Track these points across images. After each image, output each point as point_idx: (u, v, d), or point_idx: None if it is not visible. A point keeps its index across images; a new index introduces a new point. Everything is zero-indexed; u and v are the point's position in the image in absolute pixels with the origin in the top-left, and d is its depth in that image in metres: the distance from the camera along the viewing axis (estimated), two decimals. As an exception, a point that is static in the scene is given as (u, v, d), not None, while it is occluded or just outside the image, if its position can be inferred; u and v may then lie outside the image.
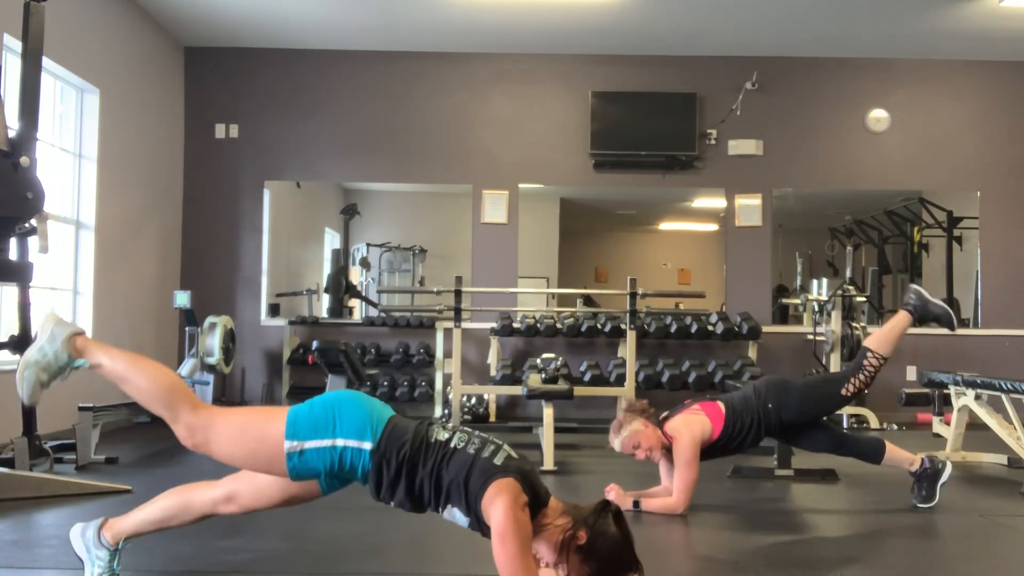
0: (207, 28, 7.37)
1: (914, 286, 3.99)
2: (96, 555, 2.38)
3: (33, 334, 2.33)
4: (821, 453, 4.04)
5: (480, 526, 2.23)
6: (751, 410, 3.81)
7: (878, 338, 3.89)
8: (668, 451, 3.74)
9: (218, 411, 2.32)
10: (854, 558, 3.14)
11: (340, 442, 2.25)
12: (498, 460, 2.24)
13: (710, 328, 7.34)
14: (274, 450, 2.24)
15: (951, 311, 3.86)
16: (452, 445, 2.28)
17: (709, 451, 3.79)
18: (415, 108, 7.84)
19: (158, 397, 2.28)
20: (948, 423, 5.29)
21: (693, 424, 3.75)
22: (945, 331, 7.82)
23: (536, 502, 2.23)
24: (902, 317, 3.89)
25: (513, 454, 2.31)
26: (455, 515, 2.28)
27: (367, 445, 2.26)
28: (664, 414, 3.85)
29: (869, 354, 3.82)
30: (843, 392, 3.84)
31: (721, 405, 3.86)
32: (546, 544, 2.21)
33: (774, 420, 3.83)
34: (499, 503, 2.15)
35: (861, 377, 3.82)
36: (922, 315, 3.90)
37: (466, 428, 2.41)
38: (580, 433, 6.19)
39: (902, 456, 3.91)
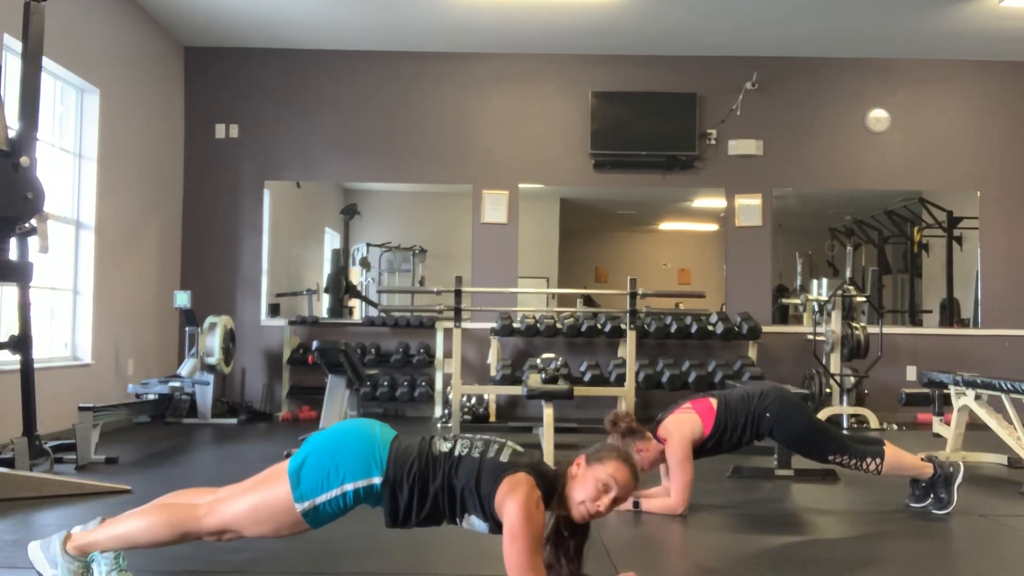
0: (207, 28, 7.37)
1: (958, 473, 3.76)
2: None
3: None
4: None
5: (499, 529, 2.23)
6: (747, 410, 3.79)
7: (896, 458, 3.75)
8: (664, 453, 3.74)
9: (221, 504, 2.29)
10: (854, 558, 3.14)
11: (349, 487, 2.25)
12: (504, 458, 2.26)
13: (710, 328, 7.34)
14: (290, 517, 2.25)
15: (950, 504, 3.72)
16: (456, 454, 2.29)
17: (701, 449, 3.78)
18: (415, 108, 7.83)
19: (170, 534, 2.30)
20: (948, 423, 5.28)
21: (683, 424, 3.74)
22: (945, 331, 7.90)
23: (550, 491, 2.25)
24: (924, 468, 3.77)
25: (518, 448, 2.32)
26: (473, 523, 2.28)
27: (376, 479, 2.25)
28: (659, 416, 3.85)
29: (878, 460, 3.72)
30: (830, 457, 3.77)
31: (713, 401, 3.84)
32: (573, 495, 2.31)
33: (764, 429, 3.83)
34: (512, 500, 2.16)
35: (854, 463, 3.74)
36: (933, 486, 3.76)
37: (466, 434, 2.41)
38: (580, 433, 6.18)
39: (906, 464, 3.81)
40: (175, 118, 7.70)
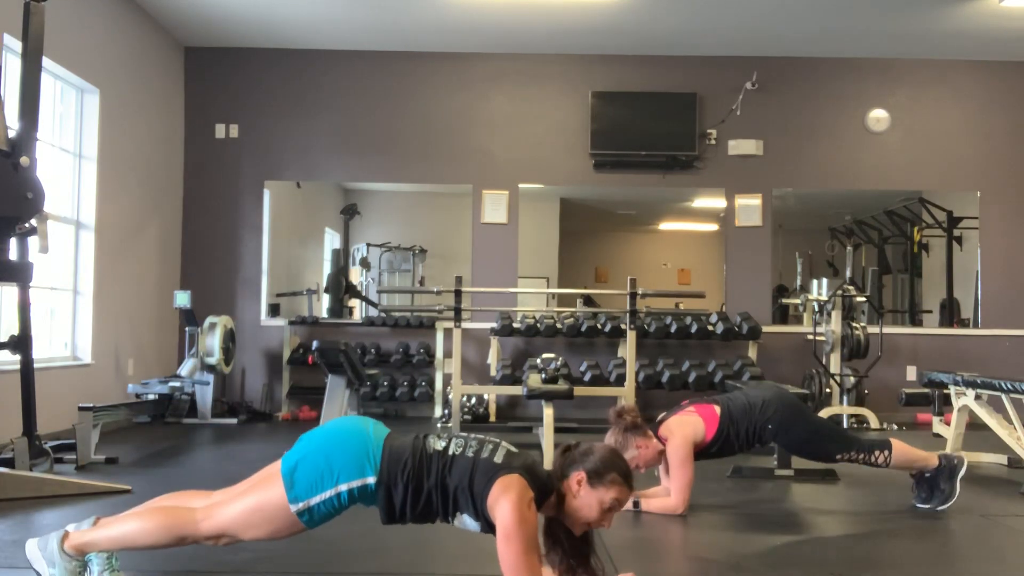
0: (207, 28, 7.37)
1: (962, 466, 3.79)
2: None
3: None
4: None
5: (491, 528, 2.24)
6: (750, 421, 3.78)
7: (903, 450, 3.78)
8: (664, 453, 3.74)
9: (217, 508, 2.30)
10: (854, 558, 3.14)
11: (343, 487, 2.25)
12: (498, 458, 2.26)
13: (710, 328, 7.34)
14: (286, 518, 2.26)
15: (952, 496, 3.74)
16: (451, 452, 2.29)
17: (702, 453, 3.78)
18: (415, 108, 7.83)
19: (167, 537, 2.31)
20: (948, 423, 5.28)
21: (685, 425, 3.74)
22: (945, 331, 7.90)
23: (543, 493, 2.26)
24: (931, 459, 3.79)
25: (512, 449, 2.33)
26: (465, 522, 2.29)
27: (371, 479, 2.26)
28: (661, 415, 3.85)
29: (886, 453, 3.74)
30: (838, 456, 3.80)
31: (716, 408, 3.83)
32: (575, 515, 2.29)
33: (768, 439, 3.85)
34: (504, 501, 2.16)
35: (862, 457, 3.76)
36: (935, 477, 3.77)
37: (461, 433, 2.42)
38: (580, 433, 6.18)
39: (913, 456, 3.83)
40: (175, 118, 7.70)
